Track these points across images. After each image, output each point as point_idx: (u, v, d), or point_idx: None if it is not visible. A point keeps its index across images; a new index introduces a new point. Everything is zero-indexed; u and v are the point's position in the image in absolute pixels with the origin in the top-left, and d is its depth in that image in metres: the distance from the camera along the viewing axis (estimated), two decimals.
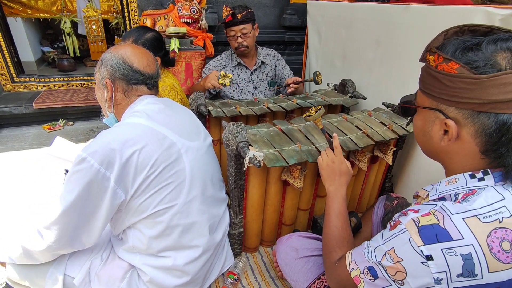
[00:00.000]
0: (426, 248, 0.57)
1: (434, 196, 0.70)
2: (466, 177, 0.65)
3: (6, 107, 2.55)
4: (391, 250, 0.63)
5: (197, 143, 1.03)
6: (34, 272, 0.96)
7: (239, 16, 1.84)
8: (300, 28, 3.31)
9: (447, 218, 0.58)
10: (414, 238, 0.59)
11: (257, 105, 1.65)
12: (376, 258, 0.67)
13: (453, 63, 0.60)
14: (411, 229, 0.60)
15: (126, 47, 1.00)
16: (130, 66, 0.97)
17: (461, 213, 0.58)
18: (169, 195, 0.90)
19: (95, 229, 0.87)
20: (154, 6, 2.87)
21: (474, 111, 0.60)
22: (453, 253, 0.55)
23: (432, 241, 0.57)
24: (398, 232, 0.63)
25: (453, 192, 0.65)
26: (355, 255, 0.76)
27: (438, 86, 0.64)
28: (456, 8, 1.33)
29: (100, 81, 0.99)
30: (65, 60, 3.66)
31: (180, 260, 0.96)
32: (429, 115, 0.69)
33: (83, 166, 0.79)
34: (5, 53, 2.66)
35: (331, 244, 0.90)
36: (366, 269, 0.70)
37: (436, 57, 0.64)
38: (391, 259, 0.63)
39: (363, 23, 1.91)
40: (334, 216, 0.95)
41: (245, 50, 1.94)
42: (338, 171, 1.02)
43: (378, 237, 0.70)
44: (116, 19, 4.07)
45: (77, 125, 2.77)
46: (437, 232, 0.57)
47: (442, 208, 0.60)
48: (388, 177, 1.68)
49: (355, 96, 1.84)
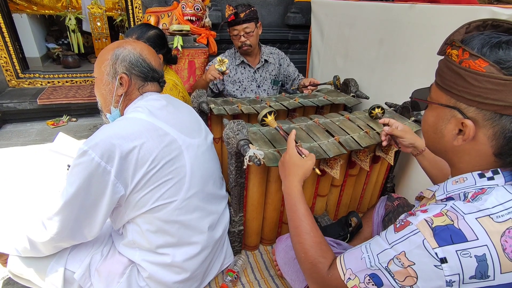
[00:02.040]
0: (441, 250, 0.55)
1: (441, 196, 0.67)
2: (475, 176, 0.63)
3: (11, 103, 2.57)
4: (401, 254, 0.59)
5: (198, 140, 1.03)
6: (36, 265, 0.97)
7: (242, 15, 1.83)
8: (304, 27, 3.29)
9: (461, 219, 0.56)
10: (428, 240, 0.56)
11: (259, 103, 1.65)
12: (381, 263, 0.62)
13: (481, 60, 0.56)
14: (425, 231, 0.57)
15: (140, 44, 1.01)
16: (149, 64, 0.98)
17: (474, 213, 0.56)
18: (168, 191, 0.91)
19: (96, 222, 0.87)
20: (158, 3, 2.88)
21: (497, 113, 0.57)
22: (468, 254, 0.53)
23: (447, 242, 0.54)
24: (408, 233, 0.59)
25: (462, 192, 0.63)
26: (350, 262, 0.70)
27: (461, 84, 0.60)
28: (462, 7, 1.32)
29: (111, 76, 0.96)
30: (69, 57, 3.68)
31: (179, 257, 0.97)
32: (445, 113, 0.65)
33: (84, 159, 0.79)
34: (10, 49, 2.68)
35: (310, 254, 0.78)
36: (368, 277, 0.64)
37: (461, 52, 0.60)
38: (400, 263, 0.59)
39: (366, 22, 1.90)
40: (299, 220, 0.84)
41: (248, 49, 1.93)
42: (287, 165, 0.94)
43: (380, 240, 0.66)
44: (121, 16, 4.08)
45: (81, 121, 2.79)
46: (452, 233, 0.55)
47: (454, 208, 0.58)
48: (390, 178, 1.67)
49: (357, 96, 1.83)
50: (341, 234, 1.31)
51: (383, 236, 0.66)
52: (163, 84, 1.07)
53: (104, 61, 0.96)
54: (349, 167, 1.41)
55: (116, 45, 0.98)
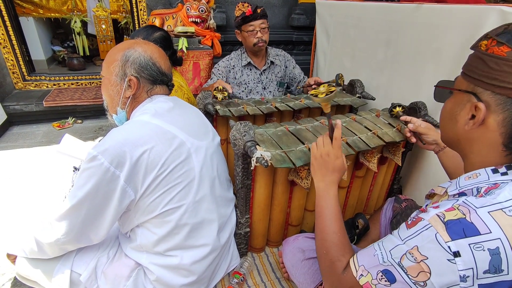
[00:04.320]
0: (454, 244, 0.54)
1: (454, 191, 0.67)
2: (488, 172, 0.63)
3: (17, 105, 2.59)
4: (414, 249, 0.59)
5: (206, 142, 1.03)
6: (42, 267, 0.97)
7: (259, 11, 1.82)
8: (308, 28, 3.29)
9: (473, 212, 0.56)
10: (441, 234, 0.56)
11: (264, 104, 1.64)
12: (393, 259, 0.62)
13: (505, 46, 0.59)
14: (437, 225, 0.57)
15: (150, 46, 0.99)
16: (158, 68, 0.97)
17: (486, 207, 0.56)
18: (178, 194, 0.90)
19: (103, 226, 0.87)
20: (163, 5, 2.90)
21: (509, 98, 0.59)
22: (481, 248, 0.53)
23: (460, 236, 0.54)
24: (421, 228, 0.60)
25: (474, 187, 0.63)
26: (362, 259, 0.71)
27: (481, 68, 0.62)
28: (470, 7, 1.30)
29: (119, 77, 0.95)
30: (75, 59, 3.71)
31: (186, 259, 0.96)
32: (462, 98, 0.67)
33: (93, 164, 0.79)
34: (17, 52, 2.70)
35: (331, 253, 0.80)
36: (380, 273, 0.64)
37: (489, 42, 0.63)
38: (413, 258, 0.59)
39: (372, 23, 1.89)
40: (330, 220, 0.85)
41: (263, 46, 1.90)
42: (331, 167, 0.91)
43: (392, 237, 0.66)
44: (125, 18, 4.11)
45: (86, 123, 2.80)
46: (464, 226, 0.55)
47: (466, 202, 0.58)
48: (397, 179, 1.65)
49: (363, 97, 1.82)
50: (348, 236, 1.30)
51: (395, 234, 0.66)
52: (172, 87, 1.06)
53: (114, 62, 0.94)
54: (356, 168, 1.40)
55: (126, 45, 0.96)
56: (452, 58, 1.37)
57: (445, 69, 1.41)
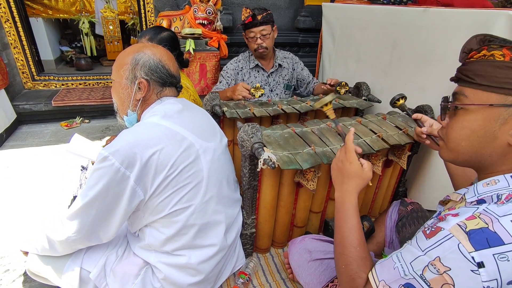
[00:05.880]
0: (477, 254, 0.52)
1: (472, 198, 0.65)
2: (508, 178, 0.62)
3: (27, 104, 2.63)
4: (436, 260, 0.57)
5: (214, 143, 1.04)
6: (53, 264, 1.00)
7: (259, 18, 1.84)
8: (314, 30, 3.30)
9: (496, 221, 0.54)
10: (464, 244, 0.54)
11: (270, 106, 1.66)
12: (415, 272, 0.60)
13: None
14: (459, 235, 0.55)
15: (159, 49, 1.01)
16: (167, 70, 0.99)
17: (509, 215, 0.54)
18: (186, 195, 0.92)
19: (112, 225, 0.89)
20: (170, 7, 2.93)
21: None
22: (505, 258, 0.51)
23: (483, 246, 0.53)
24: (442, 238, 0.57)
25: (494, 194, 0.61)
26: (382, 273, 0.67)
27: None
28: (477, 11, 1.31)
29: (130, 80, 0.97)
30: (82, 59, 3.76)
31: (194, 259, 0.98)
32: (499, 112, 0.61)
33: (104, 164, 0.81)
34: (27, 52, 2.75)
35: (351, 268, 0.75)
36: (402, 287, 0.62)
37: (507, 51, 0.60)
38: (436, 270, 0.56)
39: (379, 26, 1.89)
40: (348, 232, 0.80)
41: (264, 52, 1.93)
42: (346, 173, 0.86)
43: (412, 248, 0.63)
44: (133, 19, 4.15)
45: (93, 123, 2.84)
46: (488, 236, 0.53)
47: (487, 210, 0.57)
48: (402, 182, 1.65)
49: (369, 99, 1.82)
50: None
51: (414, 244, 0.63)
52: (180, 89, 1.08)
53: (124, 65, 0.96)
54: None
55: (135, 49, 0.98)
56: (458, 63, 1.37)
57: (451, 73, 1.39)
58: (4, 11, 2.52)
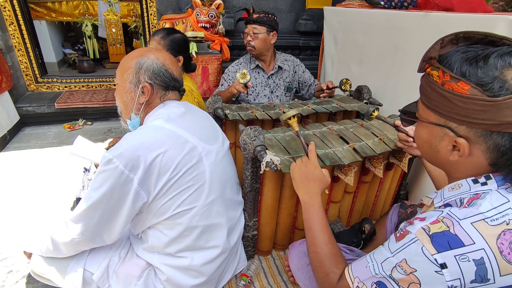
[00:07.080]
0: (440, 256, 0.56)
1: (439, 203, 0.69)
2: (469, 182, 0.65)
3: (30, 106, 2.65)
4: (403, 262, 0.61)
5: (216, 146, 1.05)
6: (56, 265, 1.01)
7: (254, 16, 1.88)
8: (315, 34, 3.32)
9: (456, 224, 0.57)
10: (427, 247, 0.58)
11: (272, 109, 1.67)
12: (385, 271, 0.65)
13: (463, 83, 0.57)
14: (422, 238, 0.59)
15: (163, 53, 1.03)
16: (171, 74, 1.01)
17: (469, 218, 0.57)
18: (189, 197, 0.93)
19: (116, 228, 0.90)
20: (173, 10, 2.95)
21: (487, 131, 0.58)
22: (466, 259, 0.55)
23: (445, 248, 0.56)
24: (408, 242, 0.61)
25: (458, 198, 0.65)
26: (357, 271, 0.73)
27: (447, 105, 0.61)
28: (478, 16, 1.32)
29: (133, 84, 0.98)
30: (85, 62, 3.79)
31: (197, 261, 0.98)
32: (437, 131, 0.66)
33: (108, 167, 0.82)
34: (30, 54, 2.77)
35: (325, 264, 0.82)
36: (375, 285, 0.67)
37: (441, 74, 0.61)
38: (403, 271, 0.61)
39: (381, 30, 1.90)
40: (318, 231, 0.87)
41: (251, 50, 1.95)
42: (312, 176, 0.95)
43: (383, 249, 0.68)
44: (135, 22, 4.19)
45: (96, 125, 2.85)
46: (449, 238, 0.57)
47: (449, 214, 0.60)
48: (403, 185, 1.66)
49: (370, 103, 1.83)
50: (355, 240, 1.31)
51: (385, 246, 0.68)
52: (183, 93, 1.10)
53: (127, 69, 0.98)
54: (363, 173, 1.41)
55: (139, 53, 1.00)
56: None
57: None
58: (9, 14, 2.54)
